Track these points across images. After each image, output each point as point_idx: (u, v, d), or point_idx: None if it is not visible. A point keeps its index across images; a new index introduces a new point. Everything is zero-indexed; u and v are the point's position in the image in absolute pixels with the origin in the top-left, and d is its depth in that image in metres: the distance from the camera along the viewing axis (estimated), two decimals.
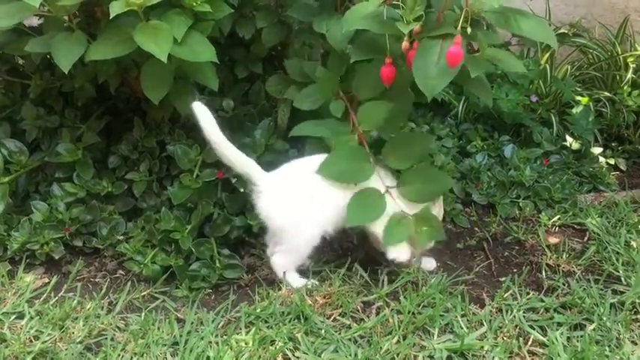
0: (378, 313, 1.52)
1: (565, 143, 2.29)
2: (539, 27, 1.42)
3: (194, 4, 1.50)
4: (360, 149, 1.57)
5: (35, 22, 1.69)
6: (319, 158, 1.56)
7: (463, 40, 1.33)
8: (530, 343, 1.43)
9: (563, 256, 1.75)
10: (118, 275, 1.68)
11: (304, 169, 1.57)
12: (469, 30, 1.33)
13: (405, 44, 1.43)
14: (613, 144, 2.43)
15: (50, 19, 1.54)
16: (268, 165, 1.61)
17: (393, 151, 1.59)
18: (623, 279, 1.65)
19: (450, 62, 1.33)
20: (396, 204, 1.55)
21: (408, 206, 1.56)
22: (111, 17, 1.36)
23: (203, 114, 1.50)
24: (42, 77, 1.86)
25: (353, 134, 1.60)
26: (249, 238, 1.77)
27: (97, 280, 1.67)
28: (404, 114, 1.68)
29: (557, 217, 1.96)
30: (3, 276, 1.62)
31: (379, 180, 1.56)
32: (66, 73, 1.45)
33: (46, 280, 1.64)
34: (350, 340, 1.42)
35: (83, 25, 1.53)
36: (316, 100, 1.65)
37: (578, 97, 2.37)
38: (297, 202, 1.55)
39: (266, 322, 1.48)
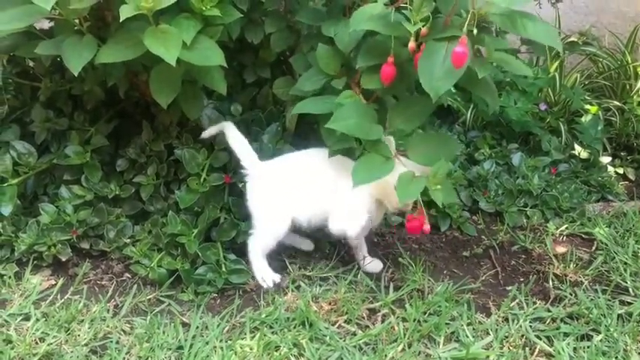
0: (383, 321, 1.51)
1: (574, 152, 2.28)
2: (545, 30, 1.42)
3: (203, 8, 1.50)
4: (367, 107, 1.55)
5: (46, 24, 1.70)
6: (313, 152, 1.65)
7: (469, 42, 1.33)
8: (536, 353, 1.42)
9: (571, 266, 1.74)
10: (124, 278, 1.68)
11: (294, 161, 1.67)
12: (475, 32, 1.33)
13: (411, 45, 1.42)
14: (622, 153, 2.42)
15: (61, 23, 1.54)
16: None
17: (397, 114, 1.58)
18: (630, 290, 1.64)
19: (455, 62, 1.33)
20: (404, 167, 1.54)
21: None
22: (121, 21, 1.36)
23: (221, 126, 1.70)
24: (52, 80, 1.87)
25: (352, 92, 1.58)
26: None
27: (103, 282, 1.67)
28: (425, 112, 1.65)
29: (565, 226, 1.95)
30: (10, 277, 1.63)
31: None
32: (76, 76, 1.46)
33: (53, 282, 1.65)
34: (355, 347, 1.42)
35: (93, 29, 1.53)
36: (317, 81, 1.65)
37: (588, 106, 2.36)
38: (276, 191, 1.64)
39: (271, 327, 1.48)
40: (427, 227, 1.51)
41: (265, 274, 1.65)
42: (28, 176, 1.80)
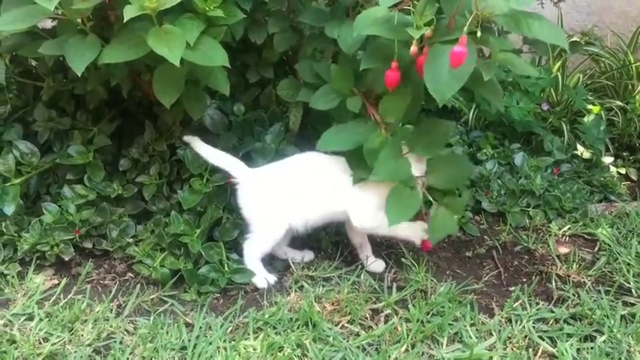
0: (386, 321, 1.51)
1: (576, 152, 2.28)
2: (549, 29, 1.42)
3: (207, 9, 1.50)
4: (396, 147, 1.56)
5: (48, 24, 1.69)
6: (298, 159, 1.68)
7: (472, 43, 1.33)
8: (539, 354, 1.42)
9: (574, 267, 1.74)
10: (127, 278, 1.68)
11: (286, 167, 1.68)
12: (479, 33, 1.32)
13: (413, 49, 1.42)
14: (624, 153, 2.42)
15: (64, 22, 1.54)
16: None
17: (417, 140, 1.59)
18: (634, 291, 1.64)
19: (453, 62, 1.32)
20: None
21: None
22: (124, 21, 1.36)
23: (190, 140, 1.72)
24: (54, 80, 1.87)
25: (379, 130, 1.58)
26: None
27: (106, 282, 1.67)
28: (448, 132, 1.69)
29: (568, 226, 1.95)
30: (13, 277, 1.63)
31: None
32: (79, 76, 1.46)
33: (56, 282, 1.65)
34: (358, 347, 1.42)
35: (96, 29, 1.53)
36: (332, 99, 1.65)
37: (590, 106, 2.36)
38: (270, 198, 1.66)
39: (274, 328, 1.48)
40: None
41: (260, 275, 1.65)
42: (31, 176, 1.80)
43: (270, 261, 1.73)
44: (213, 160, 1.69)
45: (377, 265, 1.72)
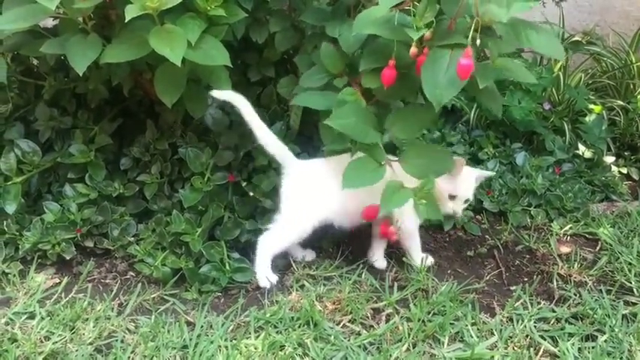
0: (387, 320, 1.51)
1: (577, 152, 2.28)
2: (548, 41, 1.42)
3: (208, 8, 1.50)
4: (367, 110, 1.54)
5: (50, 23, 1.70)
6: (345, 157, 1.57)
7: (473, 50, 1.33)
8: (541, 353, 1.42)
9: (575, 266, 1.74)
10: (128, 277, 1.68)
11: (325, 164, 1.65)
12: (478, 41, 1.32)
13: (413, 50, 1.42)
14: (626, 153, 2.41)
15: (65, 21, 1.54)
16: None
17: (396, 121, 1.56)
18: (635, 290, 1.64)
19: (460, 74, 1.31)
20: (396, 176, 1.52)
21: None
22: (126, 21, 1.36)
23: (239, 101, 1.58)
24: (56, 78, 1.87)
25: (353, 90, 1.56)
26: None
27: (107, 281, 1.67)
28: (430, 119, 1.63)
29: (569, 226, 1.95)
30: (14, 275, 1.63)
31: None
32: (80, 75, 1.46)
33: (57, 281, 1.65)
34: (359, 346, 1.42)
35: (98, 28, 1.53)
36: (321, 79, 1.63)
37: (592, 106, 2.36)
38: (306, 191, 1.63)
39: (275, 327, 1.48)
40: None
41: (267, 274, 1.64)
42: (32, 174, 1.80)
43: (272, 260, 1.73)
44: (258, 134, 1.60)
45: (381, 262, 1.73)
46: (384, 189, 1.48)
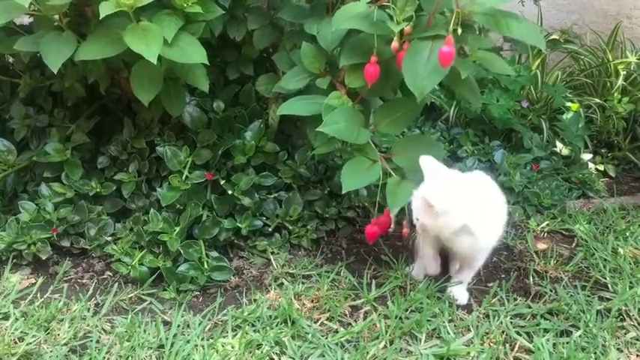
0: (365, 318, 1.52)
1: (555, 149, 2.31)
2: (529, 30, 1.43)
3: (185, 5, 1.49)
4: (355, 111, 1.55)
5: (26, 20, 1.67)
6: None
7: (455, 39, 1.34)
8: (516, 349, 1.44)
9: (551, 262, 1.75)
10: (105, 276, 1.67)
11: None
12: (459, 31, 1.33)
13: (394, 44, 1.43)
14: (603, 150, 2.44)
15: (40, 19, 1.52)
16: None
17: (382, 117, 1.59)
18: (609, 286, 1.66)
19: (442, 62, 1.33)
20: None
21: None
22: (101, 18, 1.35)
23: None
24: (31, 76, 1.84)
25: (339, 93, 1.57)
26: (238, 241, 1.77)
27: (84, 281, 1.65)
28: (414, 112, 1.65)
29: (546, 222, 1.97)
30: None
31: None
32: (55, 72, 1.44)
33: (33, 281, 1.63)
34: (337, 344, 1.42)
35: (73, 25, 1.51)
36: (301, 79, 1.64)
37: (569, 104, 2.38)
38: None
39: (253, 325, 1.47)
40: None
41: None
42: (8, 174, 1.78)
43: (250, 258, 1.74)
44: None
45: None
46: (387, 189, 1.49)
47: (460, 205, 1.42)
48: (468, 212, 1.42)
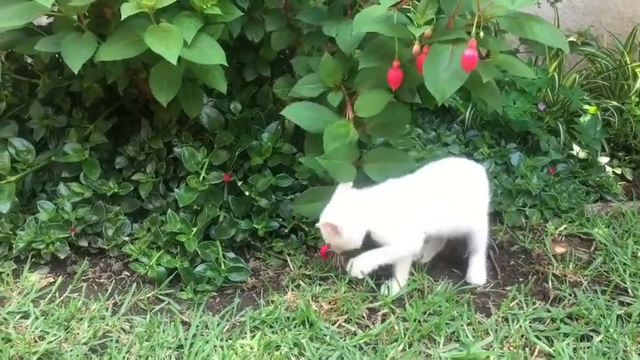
0: (383, 320, 1.51)
1: (572, 152, 2.28)
2: (552, 33, 1.42)
3: (204, 6, 1.50)
4: (353, 149, 1.57)
5: (44, 21, 1.69)
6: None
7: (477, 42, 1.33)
8: (536, 353, 1.43)
9: (570, 266, 1.74)
10: (123, 276, 1.68)
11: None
12: (482, 35, 1.32)
13: (416, 48, 1.42)
14: (620, 154, 2.42)
15: (60, 19, 1.53)
16: None
17: (376, 125, 1.61)
18: (630, 290, 1.65)
19: (465, 66, 1.32)
20: None
21: None
22: (122, 19, 1.35)
23: None
24: (50, 77, 1.86)
25: (345, 122, 1.58)
26: (255, 242, 1.77)
27: (102, 280, 1.66)
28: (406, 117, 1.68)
29: (564, 226, 1.95)
30: (8, 275, 1.62)
31: None
32: (75, 73, 1.45)
33: (51, 280, 1.64)
34: (355, 346, 1.42)
35: (93, 26, 1.53)
36: (316, 88, 1.64)
37: (586, 106, 2.36)
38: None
39: (271, 327, 1.47)
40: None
41: None
42: (26, 173, 1.79)
43: (267, 259, 1.74)
44: None
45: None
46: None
47: (356, 216, 1.54)
48: (368, 219, 1.54)
